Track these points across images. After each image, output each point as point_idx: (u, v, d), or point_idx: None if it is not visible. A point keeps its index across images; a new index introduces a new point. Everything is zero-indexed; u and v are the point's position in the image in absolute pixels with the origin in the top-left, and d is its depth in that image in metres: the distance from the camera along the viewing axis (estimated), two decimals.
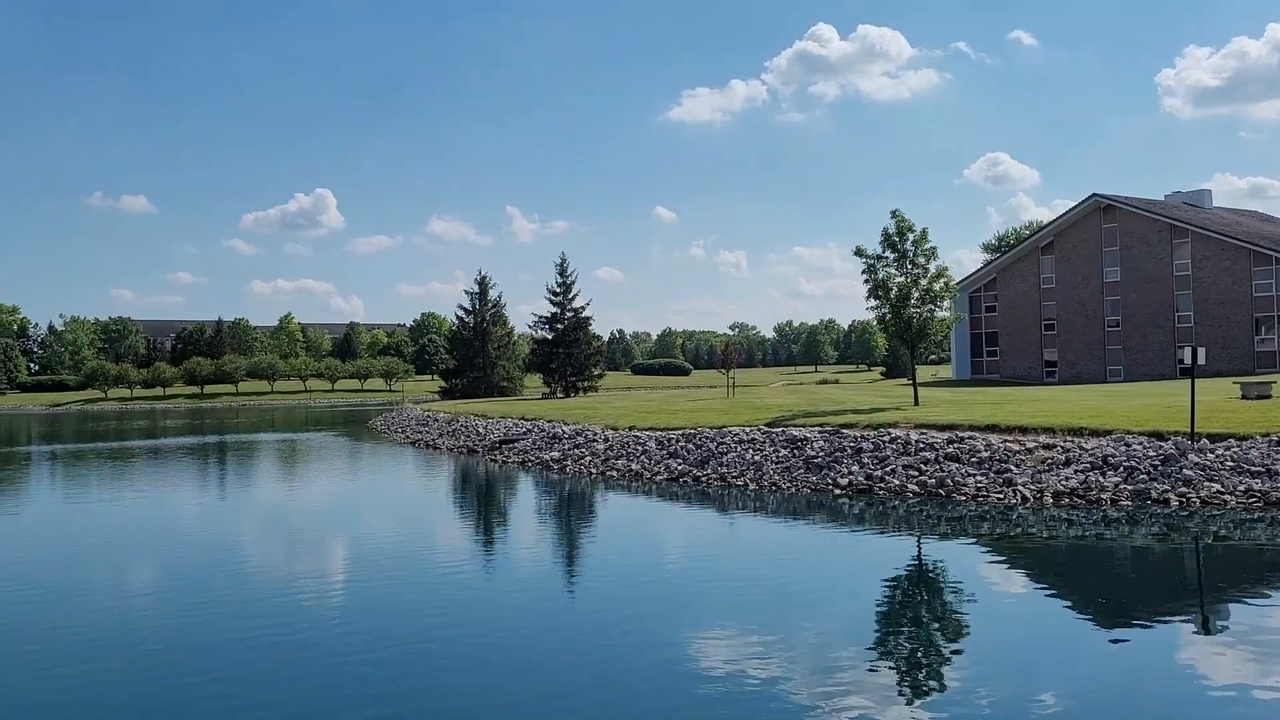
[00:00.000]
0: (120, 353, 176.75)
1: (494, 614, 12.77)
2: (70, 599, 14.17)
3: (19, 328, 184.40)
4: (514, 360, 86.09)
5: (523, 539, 19.38)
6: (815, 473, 23.57)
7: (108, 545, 19.45)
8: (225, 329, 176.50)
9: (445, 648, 11.22)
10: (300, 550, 18.34)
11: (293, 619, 12.63)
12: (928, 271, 32.76)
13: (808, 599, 13.54)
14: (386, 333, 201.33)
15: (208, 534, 20.92)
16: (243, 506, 25.60)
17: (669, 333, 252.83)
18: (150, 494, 28.21)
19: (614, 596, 13.75)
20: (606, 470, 27.81)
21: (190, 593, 14.51)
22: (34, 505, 26.72)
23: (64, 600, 14.09)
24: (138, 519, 23.17)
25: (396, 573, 15.61)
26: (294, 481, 31.81)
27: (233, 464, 37.90)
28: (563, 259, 75.41)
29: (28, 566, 17.04)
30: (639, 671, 10.25)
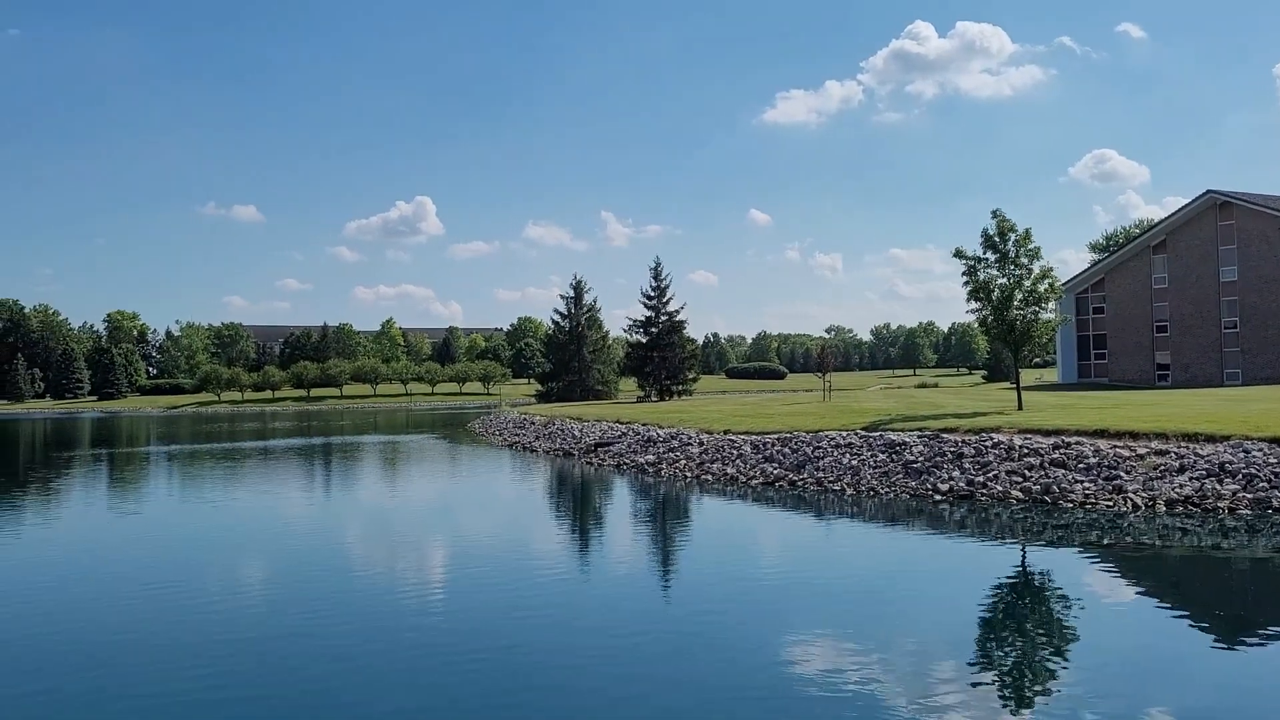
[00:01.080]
0: (232, 357, 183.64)
1: (590, 616, 12.87)
2: (186, 595, 14.75)
3: (139, 333, 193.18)
4: (609, 364, 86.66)
5: (618, 542, 19.49)
6: (914, 478, 23.15)
7: (220, 543, 20.20)
8: (330, 334, 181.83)
9: (543, 649, 11.34)
10: (402, 550, 18.77)
11: (395, 618, 12.94)
12: (1031, 272, 31.90)
13: (907, 606, 13.31)
14: (484, 337, 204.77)
15: (314, 533, 21.56)
16: (348, 507, 26.32)
17: (764, 336, 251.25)
18: (260, 494, 29.23)
19: (710, 600, 13.72)
20: (701, 474, 27.78)
21: (296, 590, 14.98)
22: (152, 504, 27.93)
23: (181, 596, 14.67)
24: (248, 518, 24.01)
25: (495, 574, 15.85)
26: (396, 483, 32.58)
27: (338, 465, 39.01)
28: (657, 263, 75.72)
29: (144, 565, 17.78)
30: (735, 676, 10.21)
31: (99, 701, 9.73)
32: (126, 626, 12.72)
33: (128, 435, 67.63)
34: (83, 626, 12.79)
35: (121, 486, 32.65)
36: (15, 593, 15.22)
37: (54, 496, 29.59)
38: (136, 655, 11.36)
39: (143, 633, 12.37)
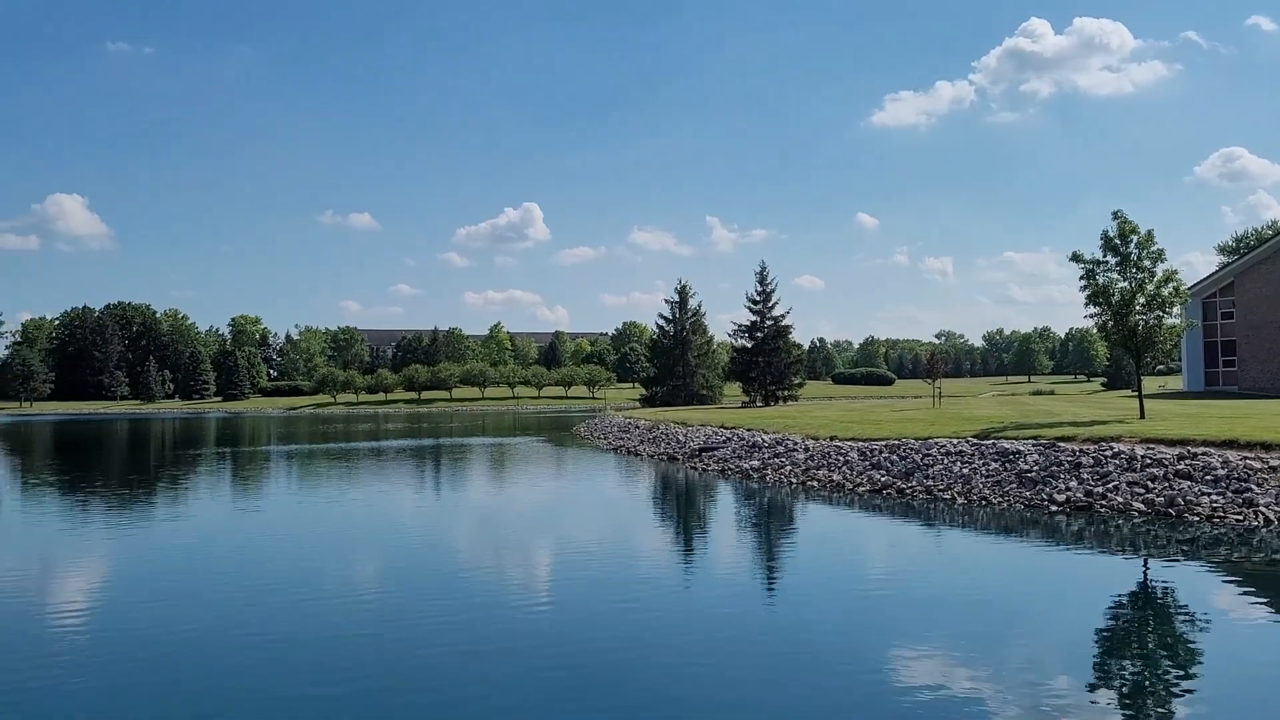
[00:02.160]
0: (347, 360, 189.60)
1: (692, 620, 12.85)
2: (301, 592, 15.26)
3: (260, 337, 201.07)
4: (713, 368, 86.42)
5: (721, 547, 19.42)
6: (1029, 488, 22.45)
7: (336, 540, 20.85)
8: (440, 338, 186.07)
9: (645, 652, 11.37)
10: (509, 552, 19.05)
11: (501, 619, 13.14)
12: (1154, 275, 30.63)
13: (1021, 621, 12.90)
14: (590, 341, 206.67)
15: (425, 533, 22.06)
16: (457, 508, 26.86)
17: (871, 341, 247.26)
18: (375, 493, 30.05)
19: (815, 608, 13.55)
20: (807, 480, 27.47)
21: (407, 589, 15.33)
22: (272, 501, 28.99)
23: (295, 592, 15.18)
24: (363, 516, 24.71)
25: (599, 577, 15.96)
26: (504, 485, 33.12)
27: (448, 466, 39.86)
28: (762, 267, 75.22)
29: (262, 561, 18.46)
30: (838, 683, 10.05)
31: (214, 695, 10.13)
32: (243, 622, 13.21)
33: (250, 435, 70.41)
34: (199, 621, 13.33)
35: (243, 484, 34.00)
36: (139, 586, 15.97)
37: (181, 493, 30.99)
38: (253, 651, 11.78)
39: (258, 629, 12.83)
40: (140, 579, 16.44)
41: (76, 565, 18.05)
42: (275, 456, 46.90)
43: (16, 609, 14.27)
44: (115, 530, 22.20)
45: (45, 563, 18.34)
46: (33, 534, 22.03)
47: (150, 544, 20.34)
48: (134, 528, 22.73)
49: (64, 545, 20.23)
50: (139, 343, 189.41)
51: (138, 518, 24.53)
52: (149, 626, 12.81)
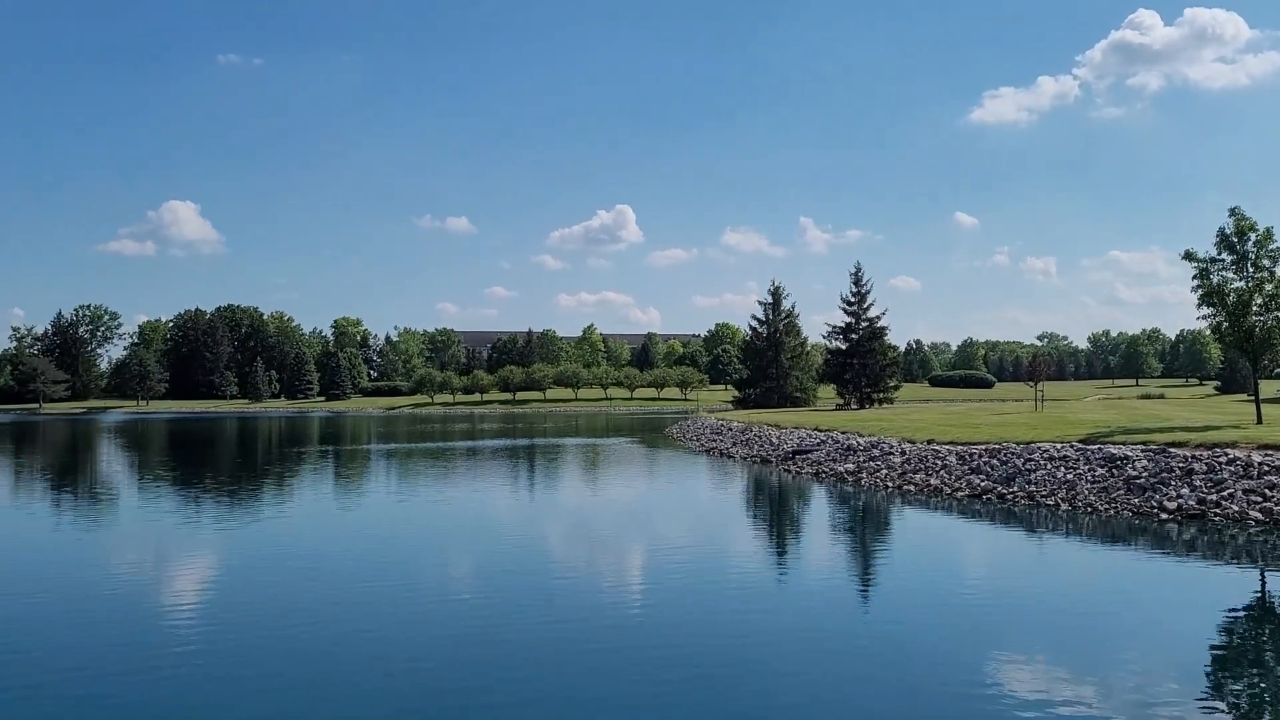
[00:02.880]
0: (444, 361, 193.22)
1: (787, 624, 12.76)
2: (399, 588, 15.63)
3: (361, 339, 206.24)
4: (807, 371, 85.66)
5: (817, 551, 19.23)
6: (1137, 494, 21.69)
7: (432, 537, 21.29)
8: (535, 339, 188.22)
9: (738, 655, 11.34)
10: (601, 553, 19.19)
11: (596, 618, 13.25)
12: (1274, 275, 29.30)
13: (1128, 631, 12.47)
14: (682, 343, 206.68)
15: (520, 531, 22.36)
16: (552, 507, 27.16)
17: (970, 343, 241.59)
18: (471, 491, 30.59)
19: (912, 613, 13.32)
20: (903, 484, 27.02)
21: (501, 586, 15.57)
22: (372, 498, 29.76)
23: (393, 589, 15.56)
24: (460, 514, 25.19)
25: (691, 578, 15.97)
26: (597, 485, 33.36)
27: (542, 466, 40.34)
28: (857, 268, 74.32)
29: (361, 556, 18.94)
30: (936, 690, 9.87)
31: (316, 687, 10.45)
32: (343, 618, 13.60)
33: (351, 434, 72.34)
34: (303, 615, 13.76)
35: (346, 482, 34.95)
36: (247, 580, 16.56)
37: (288, 490, 32.03)
38: (350, 646, 12.11)
39: (358, 624, 13.19)
40: (248, 573, 17.06)
41: (190, 559, 18.81)
42: (376, 455, 48.09)
43: (134, 600, 14.95)
44: (227, 526, 23.06)
45: (162, 555, 19.16)
46: (152, 528, 23.03)
47: (258, 539, 21.07)
48: (244, 524, 23.58)
49: (180, 539, 21.12)
50: (247, 344, 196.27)
51: (248, 514, 25.44)
52: (254, 620, 13.29)
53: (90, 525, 23.93)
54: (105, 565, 17.98)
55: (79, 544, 20.86)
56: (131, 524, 23.81)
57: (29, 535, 22.28)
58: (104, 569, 17.57)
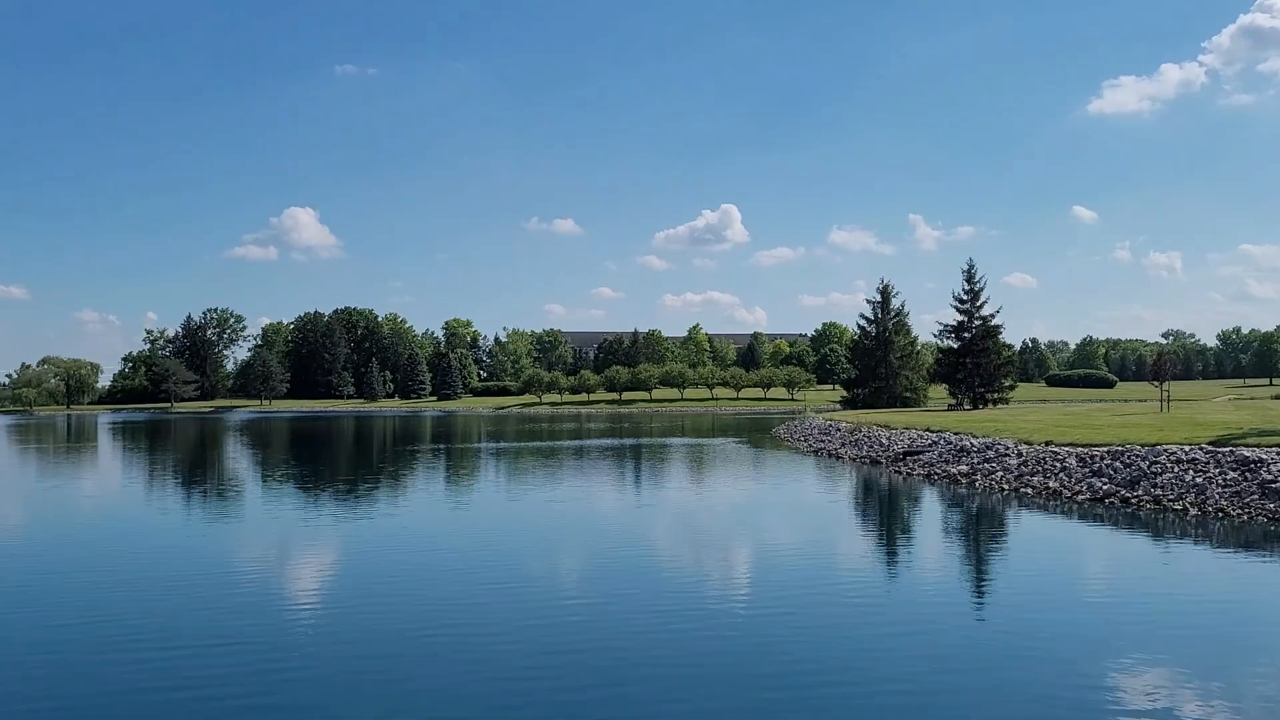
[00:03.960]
0: (551, 362, 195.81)
1: (899, 628, 12.50)
2: (506, 586, 15.88)
3: (471, 339, 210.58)
4: (917, 370, 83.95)
5: (929, 554, 18.80)
6: (1274, 500, 20.58)
7: (540, 535, 21.56)
8: (640, 339, 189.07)
9: (849, 659, 11.17)
10: (707, 551, 19.14)
11: (701, 618, 13.22)
12: None
13: (1261, 643, 11.83)
14: (788, 342, 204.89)
15: (627, 532, 22.45)
16: (658, 506, 27.21)
17: (1089, 341, 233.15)
18: (579, 489, 30.89)
19: (1030, 619, 12.89)
20: (1020, 487, 26.22)
21: (608, 587, 15.66)
22: (482, 495, 30.33)
23: (501, 587, 15.82)
24: (567, 512, 25.46)
25: (802, 582, 15.80)
26: (703, 485, 33.30)
27: (649, 466, 40.48)
28: (970, 265, 72.46)
29: (470, 553, 19.31)
30: (1053, 698, 9.52)
31: (428, 684, 10.67)
32: (457, 615, 13.88)
33: (462, 432, 73.89)
34: (413, 611, 14.09)
35: (458, 478, 35.71)
36: (360, 576, 17.04)
37: (404, 487, 32.89)
38: (463, 645, 12.35)
39: (470, 621, 13.44)
40: (365, 567, 17.58)
41: (311, 553, 19.49)
42: (486, 454, 49.02)
43: (259, 592, 15.56)
44: (347, 521, 23.81)
45: (284, 549, 19.88)
46: (277, 522, 23.99)
47: (376, 535, 21.68)
48: (363, 519, 24.31)
49: (303, 534, 21.91)
50: (363, 345, 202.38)
51: (366, 509, 26.23)
52: (371, 614, 13.67)
53: (219, 519, 25.00)
54: (231, 558, 18.77)
55: (208, 536, 21.81)
56: (258, 518, 24.80)
57: (164, 527, 23.42)
58: (229, 562, 18.34)
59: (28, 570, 17.38)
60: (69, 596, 14.91)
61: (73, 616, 13.43)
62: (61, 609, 14.00)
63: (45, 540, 21.59)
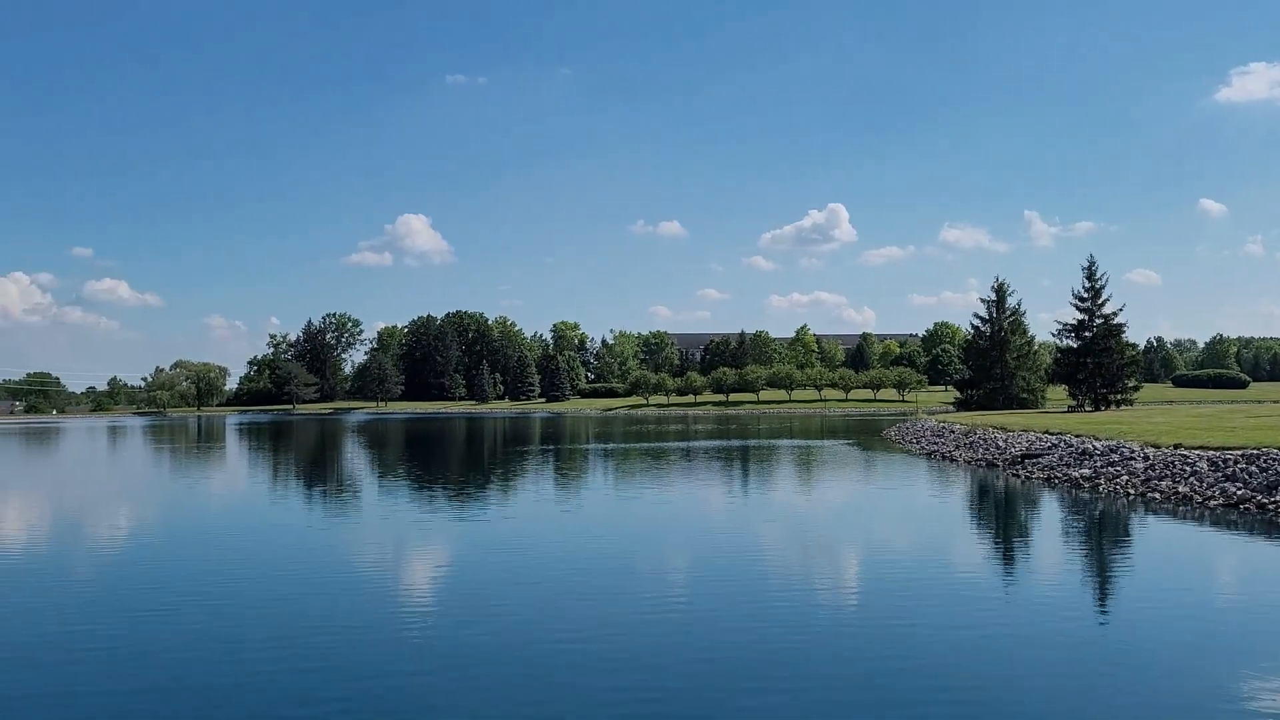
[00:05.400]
0: (658, 363, 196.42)
1: (1018, 635, 12.13)
2: (613, 586, 15.98)
3: (579, 342, 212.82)
4: (1035, 371, 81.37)
5: (1050, 560, 18.18)
6: None
7: (648, 535, 21.64)
8: (747, 341, 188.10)
9: (964, 666, 10.89)
10: (817, 554, 18.90)
11: (813, 624, 13.08)
12: None
13: None
14: (898, 343, 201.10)
15: (734, 532, 22.36)
16: (766, 507, 27.02)
17: (1220, 340, 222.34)
18: (686, 490, 30.90)
19: (1157, 629, 12.34)
20: (1146, 491, 25.17)
21: (717, 590, 15.59)
22: (589, 495, 30.61)
23: (608, 586, 15.92)
24: (675, 514, 25.48)
25: (915, 587, 15.48)
26: (811, 486, 32.94)
27: (757, 467, 40.24)
28: (1090, 262, 69.88)
29: (576, 551, 19.49)
30: (1180, 712, 9.10)
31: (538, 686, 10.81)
32: (568, 613, 14.03)
33: (570, 433, 74.72)
34: (521, 611, 14.29)
35: (567, 478, 36.13)
36: (473, 573, 17.38)
37: (514, 487, 33.46)
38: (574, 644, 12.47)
39: (582, 618, 13.57)
40: (478, 564, 17.94)
41: (424, 551, 19.99)
42: (594, 454, 49.46)
43: (374, 589, 16.04)
44: (460, 520, 24.36)
45: (400, 548, 20.44)
46: (393, 521, 24.68)
47: (489, 532, 22.11)
48: (474, 519, 24.83)
49: (416, 532, 22.53)
50: (474, 348, 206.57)
51: (479, 507, 26.79)
52: (483, 611, 13.94)
53: (341, 517, 25.88)
54: (349, 556, 19.39)
55: (329, 535, 22.58)
56: (377, 517, 25.56)
57: (290, 524, 24.37)
58: (348, 560, 18.95)
59: (157, 567, 18.25)
60: (198, 594, 15.60)
61: (197, 613, 14.06)
62: (187, 607, 14.65)
63: (178, 537, 22.63)
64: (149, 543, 21.46)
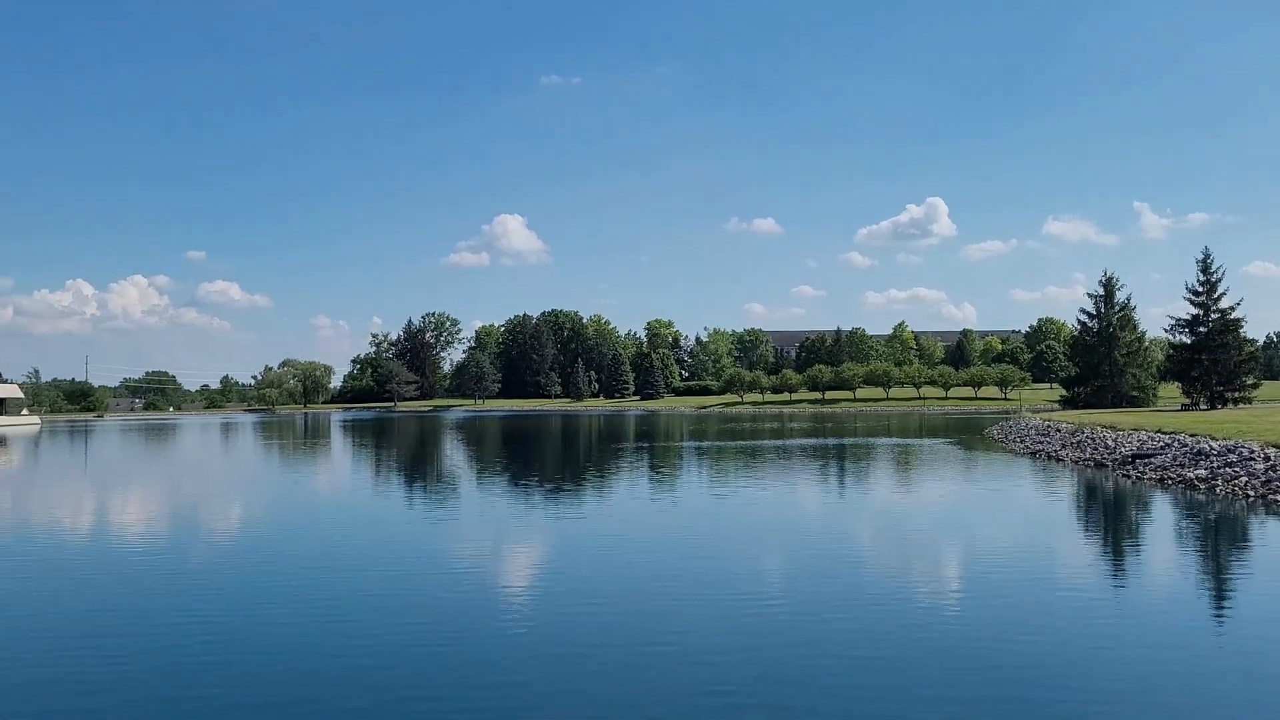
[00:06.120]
0: (752, 361, 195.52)
1: (1125, 639, 11.73)
2: (710, 587, 15.95)
3: (673, 340, 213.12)
4: (1145, 368, 78.54)
5: (1162, 562, 17.51)
6: None
7: (742, 535, 21.54)
8: (843, 338, 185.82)
9: (1064, 670, 10.57)
10: (917, 554, 18.55)
11: (911, 627, 12.86)
12: None
13: None
14: (1000, 339, 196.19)
15: (830, 530, 22.11)
16: (864, 507, 26.63)
17: None
18: (782, 488, 30.66)
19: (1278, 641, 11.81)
20: (1268, 494, 24.03)
21: (812, 589, 15.45)
22: (687, 494, 30.62)
23: (705, 585, 15.90)
24: (771, 510, 25.30)
25: (1016, 588, 15.09)
26: (911, 485, 32.34)
27: (853, 466, 39.72)
28: (1205, 255, 67.04)
29: (671, 549, 19.50)
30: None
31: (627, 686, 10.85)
32: (656, 613, 14.06)
33: (664, 431, 74.86)
34: (615, 613, 14.36)
35: (663, 475, 36.20)
36: (570, 569, 17.55)
37: (611, 481, 33.67)
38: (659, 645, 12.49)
39: (670, 617, 13.59)
40: (574, 560, 18.13)
41: (523, 547, 20.29)
42: (689, 452, 49.46)
43: (474, 585, 16.33)
44: (558, 517, 24.67)
45: (499, 543, 20.79)
46: (493, 517, 25.15)
47: (586, 528, 22.35)
48: (572, 514, 25.11)
49: (516, 528, 22.92)
50: (569, 346, 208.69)
51: (575, 504, 27.04)
52: (573, 614, 14.06)
53: (443, 512, 26.46)
54: (450, 550, 19.80)
55: (431, 528, 23.10)
56: (478, 512, 26.08)
57: (393, 518, 25.01)
58: (449, 554, 19.35)
59: (270, 555, 18.90)
60: (309, 584, 16.12)
61: (307, 601, 14.53)
62: (299, 596, 15.14)
63: (289, 528, 23.39)
64: (262, 534, 22.24)
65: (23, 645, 12.18)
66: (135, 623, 13.13)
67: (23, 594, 15.31)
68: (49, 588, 15.74)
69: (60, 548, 20.34)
